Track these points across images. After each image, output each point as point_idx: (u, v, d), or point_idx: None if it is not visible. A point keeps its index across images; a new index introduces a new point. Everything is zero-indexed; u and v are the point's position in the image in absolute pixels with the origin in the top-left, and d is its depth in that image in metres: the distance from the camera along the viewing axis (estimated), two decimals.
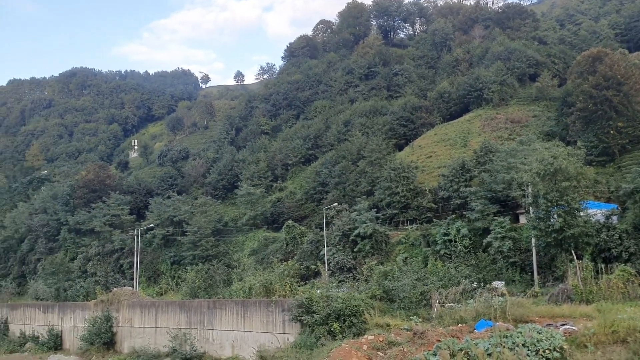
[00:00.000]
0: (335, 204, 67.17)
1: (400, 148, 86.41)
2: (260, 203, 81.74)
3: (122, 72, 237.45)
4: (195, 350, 37.60)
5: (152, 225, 79.69)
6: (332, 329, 28.65)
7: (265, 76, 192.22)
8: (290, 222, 70.42)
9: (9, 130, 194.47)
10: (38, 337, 52.98)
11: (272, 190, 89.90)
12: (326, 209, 65.91)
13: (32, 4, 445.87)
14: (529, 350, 17.46)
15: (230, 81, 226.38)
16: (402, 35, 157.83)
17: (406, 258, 53.74)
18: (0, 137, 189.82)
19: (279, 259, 50.39)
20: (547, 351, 17.43)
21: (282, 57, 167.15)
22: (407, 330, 25.03)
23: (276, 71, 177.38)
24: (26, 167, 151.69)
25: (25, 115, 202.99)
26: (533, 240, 45.00)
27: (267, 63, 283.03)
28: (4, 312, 59.67)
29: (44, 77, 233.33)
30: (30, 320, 56.41)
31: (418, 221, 63.59)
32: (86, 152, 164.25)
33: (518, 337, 18.19)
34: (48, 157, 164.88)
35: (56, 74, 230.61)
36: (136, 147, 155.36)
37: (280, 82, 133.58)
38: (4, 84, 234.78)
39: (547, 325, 21.18)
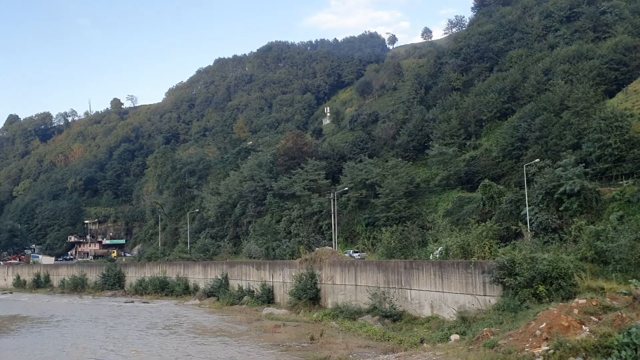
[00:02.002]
0: (537, 160, 62.77)
1: (611, 95, 77.41)
2: (453, 162, 79.53)
3: (313, 42, 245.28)
4: (394, 309, 38.38)
5: (346, 188, 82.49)
6: (537, 292, 27.26)
7: (454, 30, 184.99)
8: (486, 181, 67.55)
9: (218, 106, 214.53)
10: (253, 292, 58.65)
11: (466, 148, 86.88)
12: (526, 166, 61.92)
13: None
14: None
15: (418, 39, 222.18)
16: None
17: (621, 216, 48.43)
18: (211, 113, 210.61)
19: (475, 219, 48.72)
20: None
21: (472, 8, 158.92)
22: (625, 294, 22.78)
23: (466, 23, 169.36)
24: (234, 139, 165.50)
25: (230, 91, 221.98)
26: None
27: (456, 16, 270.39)
28: (224, 269, 66.86)
29: (244, 54, 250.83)
30: (245, 277, 62.53)
31: (635, 175, 56.78)
32: (284, 122, 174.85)
33: None
34: (252, 129, 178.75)
35: (254, 50, 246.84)
36: (328, 114, 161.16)
37: (470, 35, 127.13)
38: (211, 64, 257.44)
39: None
